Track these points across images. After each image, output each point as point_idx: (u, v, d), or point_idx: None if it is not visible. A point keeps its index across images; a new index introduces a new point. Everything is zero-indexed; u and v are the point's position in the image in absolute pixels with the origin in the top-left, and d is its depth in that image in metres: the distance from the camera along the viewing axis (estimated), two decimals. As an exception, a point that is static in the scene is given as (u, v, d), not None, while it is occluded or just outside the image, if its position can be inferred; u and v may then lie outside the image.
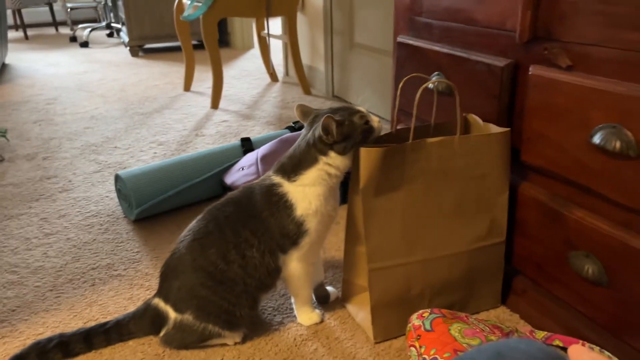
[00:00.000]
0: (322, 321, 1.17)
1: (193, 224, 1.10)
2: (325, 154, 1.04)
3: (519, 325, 1.14)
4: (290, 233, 1.06)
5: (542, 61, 1.01)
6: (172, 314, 1.07)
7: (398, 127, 1.14)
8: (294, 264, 1.10)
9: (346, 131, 1.03)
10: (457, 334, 0.96)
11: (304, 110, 1.12)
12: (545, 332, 1.06)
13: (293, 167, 1.07)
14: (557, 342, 1.04)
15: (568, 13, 0.94)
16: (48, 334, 1.15)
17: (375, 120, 1.06)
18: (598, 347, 0.98)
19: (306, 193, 1.05)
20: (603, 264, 0.94)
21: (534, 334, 1.05)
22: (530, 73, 1.02)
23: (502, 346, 0.57)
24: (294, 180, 1.06)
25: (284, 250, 1.08)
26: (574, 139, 0.95)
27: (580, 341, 1.01)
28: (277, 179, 1.08)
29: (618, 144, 0.85)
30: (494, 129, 1.10)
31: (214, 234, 1.06)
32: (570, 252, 1.00)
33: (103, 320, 1.16)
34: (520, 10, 1.01)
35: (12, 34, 5.81)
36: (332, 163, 1.05)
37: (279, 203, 1.06)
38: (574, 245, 1.00)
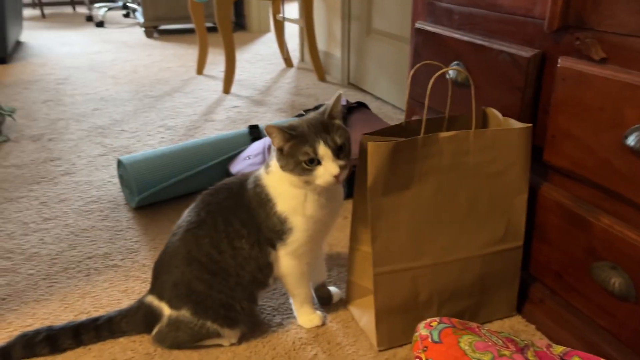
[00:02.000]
0: (323, 324, 1.10)
1: (186, 213, 1.04)
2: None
3: (534, 337, 1.06)
4: (275, 227, 0.99)
5: (572, 52, 0.92)
6: (166, 310, 1.01)
7: (408, 119, 1.05)
8: (285, 261, 1.03)
9: (286, 151, 0.93)
10: (468, 347, 0.88)
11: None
12: (564, 347, 0.98)
13: (271, 157, 1.00)
14: (576, 359, 0.97)
15: (604, -1, 0.85)
16: (37, 325, 1.09)
17: (328, 172, 0.91)
18: (621, 367, 0.90)
19: (281, 191, 0.98)
20: (631, 277, 0.86)
21: (551, 348, 0.97)
22: (559, 65, 0.93)
23: None
24: (268, 173, 1.00)
25: (272, 245, 1.01)
26: (605, 139, 0.86)
27: (601, 359, 0.93)
28: (262, 170, 1.02)
29: (655, 147, 0.77)
30: (515, 124, 1.02)
31: (206, 222, 1.00)
32: (594, 262, 0.92)
33: (95, 314, 1.12)
34: (550, -5, 0.92)
35: (29, 12, 5.79)
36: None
37: (262, 195, 1.00)
38: (598, 255, 0.91)
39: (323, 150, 0.91)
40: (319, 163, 0.91)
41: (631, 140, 0.80)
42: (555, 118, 0.96)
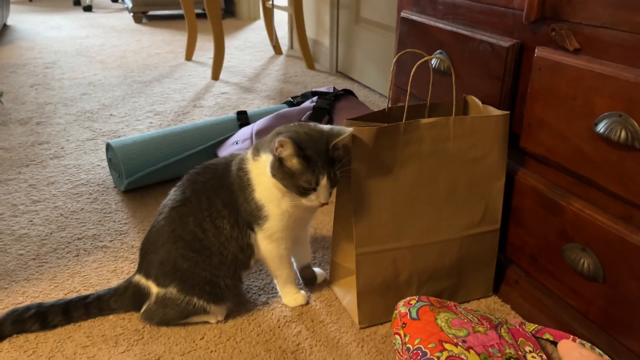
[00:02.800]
0: (307, 303, 1.14)
1: (172, 192, 1.08)
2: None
3: (509, 316, 1.11)
4: (252, 212, 1.03)
5: (548, 43, 0.96)
6: (154, 289, 1.04)
7: (390, 106, 1.09)
8: (264, 245, 1.06)
9: (288, 167, 0.94)
10: (444, 324, 0.93)
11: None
12: (536, 325, 1.03)
13: (262, 146, 1.01)
14: (547, 336, 1.01)
15: (579, -8, 0.88)
16: (27, 303, 1.12)
17: (318, 200, 0.95)
18: (589, 344, 0.95)
19: (262, 179, 1.00)
20: (599, 258, 0.90)
21: (524, 326, 1.02)
22: (535, 55, 0.97)
23: None
24: (256, 160, 1.02)
25: (251, 228, 1.05)
26: (577, 126, 0.90)
27: (571, 336, 0.98)
28: (249, 154, 1.05)
29: (623, 134, 0.81)
30: (493, 111, 1.06)
31: (191, 200, 1.03)
32: (566, 244, 0.97)
33: (85, 293, 1.14)
34: (529, -13, 0.95)
35: (15, -5, 5.71)
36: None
37: (243, 179, 1.02)
38: (570, 237, 0.96)
39: (324, 183, 0.94)
40: (314, 190, 0.95)
41: (600, 128, 0.84)
42: (531, 106, 1.00)
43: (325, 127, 0.99)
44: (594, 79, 0.86)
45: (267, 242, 1.06)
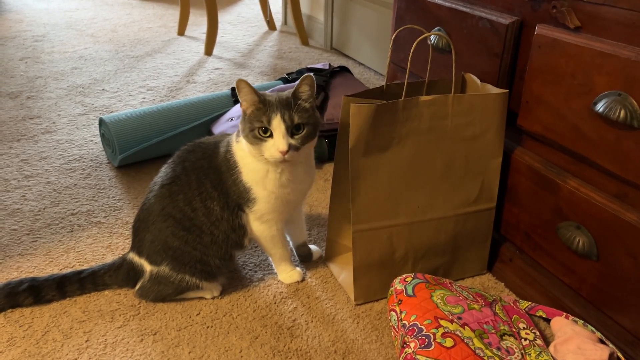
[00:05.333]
0: (303, 280, 1.14)
1: (162, 169, 1.07)
2: None
3: (503, 294, 1.12)
4: (240, 194, 1.02)
5: (549, 20, 0.95)
6: (147, 266, 1.04)
7: (388, 83, 1.08)
8: (255, 226, 1.06)
9: (248, 114, 0.95)
10: (440, 301, 0.93)
11: None
12: (529, 303, 1.05)
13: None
14: (540, 313, 1.03)
15: (581, -32, 0.87)
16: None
17: (275, 146, 0.92)
18: (582, 321, 0.96)
19: (247, 161, 1.00)
20: (594, 236, 0.91)
21: (517, 303, 1.03)
22: (536, 32, 0.96)
23: None
24: (237, 141, 1.01)
25: (242, 209, 1.04)
26: (575, 105, 0.90)
27: (564, 313, 0.99)
28: (234, 135, 1.04)
29: (622, 113, 0.81)
30: (492, 89, 1.05)
31: (181, 178, 1.03)
32: (561, 222, 0.97)
33: (79, 268, 1.14)
34: (530, -37, 0.94)
35: (2, -34, 5.57)
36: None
37: (230, 161, 1.02)
38: (564, 215, 0.96)
39: (277, 123, 0.92)
40: (271, 136, 0.93)
41: (600, 107, 0.84)
42: (529, 84, 0.99)
43: None
44: (594, 57, 0.85)
45: (258, 223, 1.06)
